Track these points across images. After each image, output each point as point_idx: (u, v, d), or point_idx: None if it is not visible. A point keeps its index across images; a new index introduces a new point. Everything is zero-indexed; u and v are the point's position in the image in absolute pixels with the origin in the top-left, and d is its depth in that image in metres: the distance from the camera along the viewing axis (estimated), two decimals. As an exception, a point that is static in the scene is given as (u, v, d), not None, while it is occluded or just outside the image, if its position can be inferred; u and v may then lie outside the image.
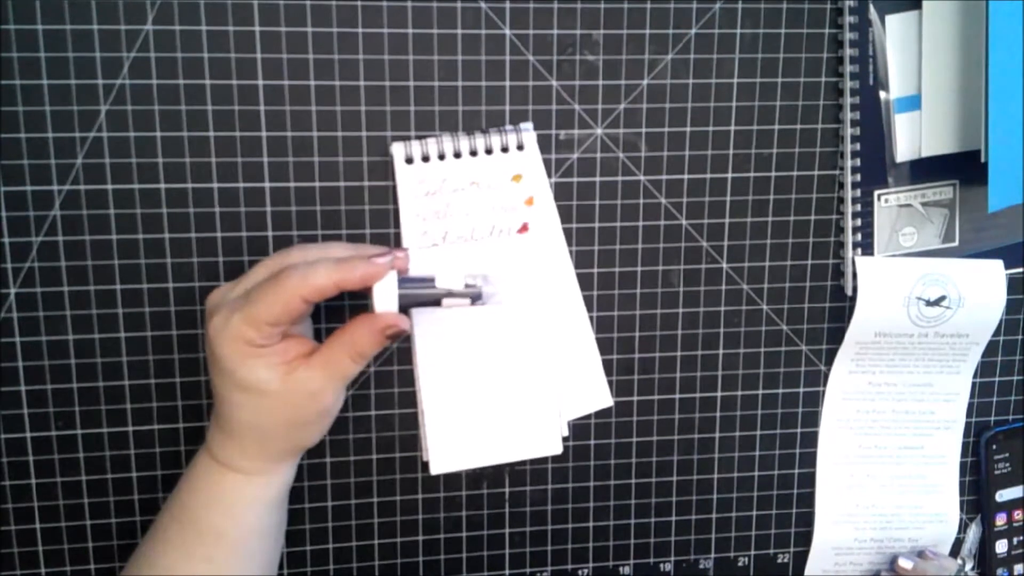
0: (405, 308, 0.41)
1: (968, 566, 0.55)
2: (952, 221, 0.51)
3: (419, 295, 0.42)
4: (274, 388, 0.40)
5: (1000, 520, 0.57)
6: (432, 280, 0.42)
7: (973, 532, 0.56)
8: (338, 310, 0.47)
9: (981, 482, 0.56)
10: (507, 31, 0.46)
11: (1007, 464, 0.56)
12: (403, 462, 0.50)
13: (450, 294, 0.42)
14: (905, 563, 0.54)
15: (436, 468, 0.49)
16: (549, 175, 0.48)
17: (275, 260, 0.41)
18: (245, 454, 0.42)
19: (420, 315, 0.47)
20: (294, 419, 0.41)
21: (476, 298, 0.43)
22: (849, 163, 0.49)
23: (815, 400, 0.54)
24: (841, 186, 0.50)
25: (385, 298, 0.40)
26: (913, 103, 0.49)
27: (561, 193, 0.48)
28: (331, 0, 0.44)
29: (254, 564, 0.43)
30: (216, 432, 0.42)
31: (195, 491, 0.43)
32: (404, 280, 0.41)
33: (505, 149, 0.46)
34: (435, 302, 0.42)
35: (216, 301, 0.41)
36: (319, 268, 0.39)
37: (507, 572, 0.53)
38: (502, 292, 0.43)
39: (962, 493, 0.56)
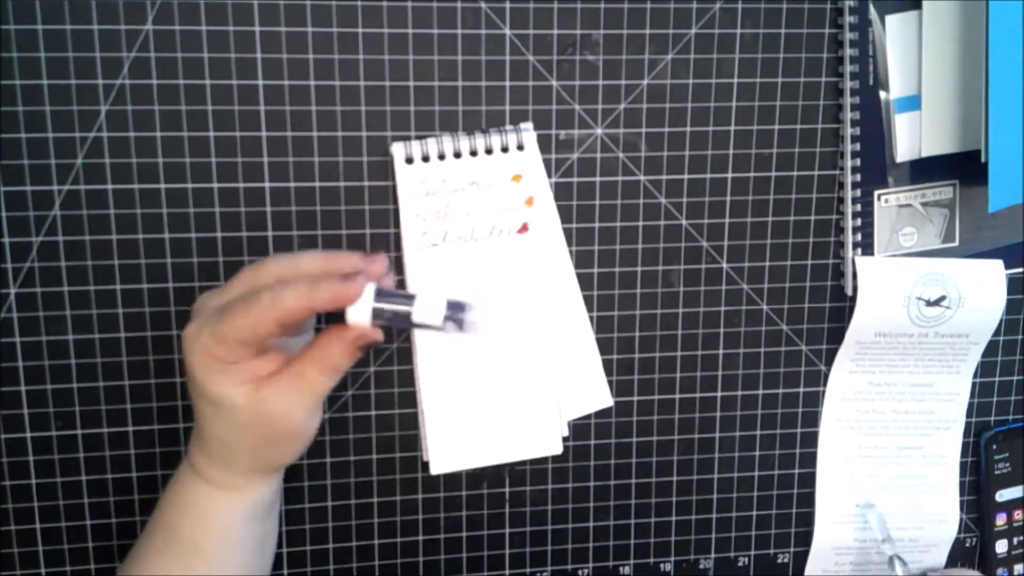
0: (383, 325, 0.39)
1: None
2: (952, 221, 0.51)
3: (394, 312, 0.39)
4: (240, 405, 0.38)
5: (1000, 520, 0.57)
6: (412, 298, 0.39)
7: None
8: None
9: (981, 482, 0.56)
10: (507, 31, 0.46)
11: (1007, 464, 0.56)
12: (403, 462, 0.50)
13: (426, 326, 0.39)
14: None
15: (436, 468, 0.49)
16: (549, 175, 0.48)
17: (250, 274, 0.40)
18: (215, 467, 0.41)
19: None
20: (262, 438, 0.40)
21: (457, 325, 0.39)
22: (849, 163, 0.49)
23: (815, 400, 0.54)
24: (841, 186, 0.50)
25: (358, 310, 0.38)
26: (913, 103, 0.49)
27: (561, 193, 0.48)
28: (331, 0, 0.44)
29: None
30: (193, 441, 0.42)
31: (174, 500, 0.42)
32: (384, 295, 0.39)
33: (505, 149, 0.46)
34: (410, 327, 0.40)
35: (197, 308, 0.40)
36: (291, 291, 0.37)
37: (507, 572, 0.53)
38: (484, 320, 0.41)
39: (962, 493, 0.56)
